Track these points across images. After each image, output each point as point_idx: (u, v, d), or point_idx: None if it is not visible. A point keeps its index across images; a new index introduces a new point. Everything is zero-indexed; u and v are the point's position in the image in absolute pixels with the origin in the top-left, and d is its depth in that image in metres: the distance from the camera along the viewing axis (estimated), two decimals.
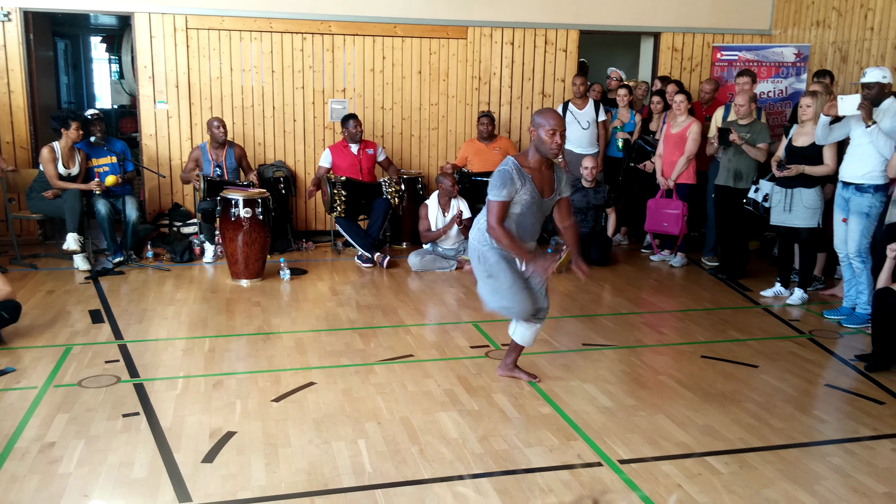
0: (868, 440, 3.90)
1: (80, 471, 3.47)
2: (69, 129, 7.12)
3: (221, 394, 4.35)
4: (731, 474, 3.50)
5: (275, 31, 8.36)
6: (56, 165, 7.13)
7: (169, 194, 8.53)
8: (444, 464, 3.56)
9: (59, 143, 7.17)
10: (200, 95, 8.34)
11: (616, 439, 3.83)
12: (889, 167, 5.53)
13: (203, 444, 3.72)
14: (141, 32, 8.13)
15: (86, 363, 4.79)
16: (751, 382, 4.65)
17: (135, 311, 5.90)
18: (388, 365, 4.84)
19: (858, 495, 3.34)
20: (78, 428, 3.89)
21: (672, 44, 9.27)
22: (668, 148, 7.55)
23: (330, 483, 3.37)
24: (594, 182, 7.73)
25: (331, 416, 4.05)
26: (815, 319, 6.01)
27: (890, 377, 4.75)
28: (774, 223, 6.44)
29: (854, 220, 5.77)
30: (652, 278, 7.29)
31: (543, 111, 4.11)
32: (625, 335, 5.54)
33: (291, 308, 6.11)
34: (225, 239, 6.81)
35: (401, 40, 8.65)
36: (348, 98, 8.64)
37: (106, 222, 7.22)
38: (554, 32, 8.97)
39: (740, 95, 6.89)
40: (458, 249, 7.50)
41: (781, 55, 8.58)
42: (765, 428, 4.00)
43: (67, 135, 7.14)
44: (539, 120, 4.07)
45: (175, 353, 5.05)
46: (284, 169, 8.48)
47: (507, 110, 9.04)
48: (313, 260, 7.80)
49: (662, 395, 4.43)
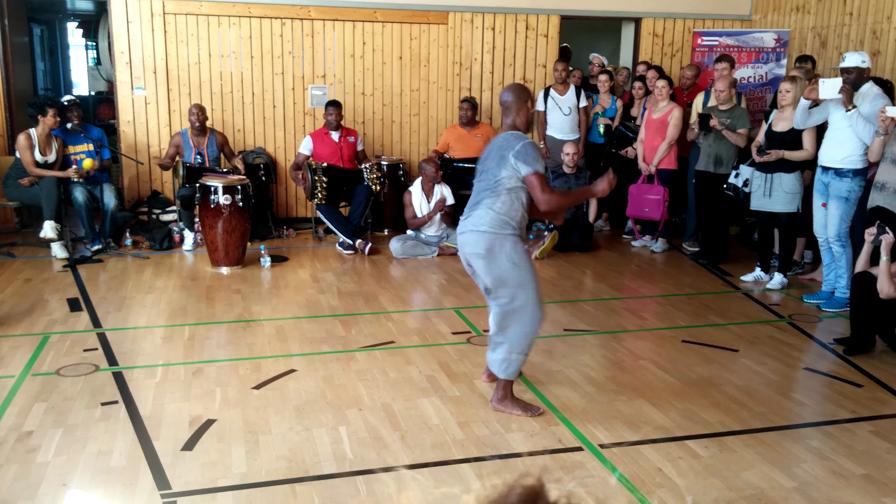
0: (846, 423, 3.93)
1: (58, 459, 3.44)
2: (46, 116, 7.02)
3: (201, 382, 4.32)
4: (711, 457, 3.52)
5: (253, 16, 8.27)
6: (33, 152, 7.03)
7: (148, 182, 8.44)
8: (426, 450, 3.55)
9: (35, 130, 7.08)
10: (179, 81, 8.25)
11: (597, 424, 3.85)
12: (870, 151, 5.55)
13: (183, 432, 3.70)
14: (117, 18, 8.02)
15: (64, 352, 4.75)
16: (731, 366, 4.68)
17: (114, 300, 5.85)
18: (370, 352, 4.83)
19: (837, 477, 3.37)
20: (56, 416, 3.85)
21: (653, 29, 9.27)
22: (650, 133, 7.56)
23: (311, 470, 3.36)
24: (575, 168, 7.73)
25: (312, 403, 4.04)
26: (795, 304, 6.05)
27: (868, 360, 4.80)
28: (754, 208, 6.47)
29: (833, 205, 5.80)
30: (633, 264, 7.31)
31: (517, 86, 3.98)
32: (606, 320, 5.56)
33: (272, 295, 6.08)
34: (205, 226, 6.75)
35: (381, 25, 8.58)
36: (328, 84, 8.57)
37: (83, 210, 7.14)
38: (535, 18, 8.93)
39: (720, 81, 6.90)
40: (440, 236, 7.49)
41: (761, 40, 8.61)
42: (744, 411, 4.03)
43: (44, 121, 7.04)
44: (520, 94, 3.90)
45: (154, 341, 5.01)
46: (264, 155, 8.42)
47: (488, 96, 9.01)
48: (294, 247, 7.76)
49: (643, 380, 4.45)
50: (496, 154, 3.81)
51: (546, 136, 8.46)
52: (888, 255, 4.66)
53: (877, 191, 5.48)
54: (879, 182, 5.44)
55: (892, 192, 5.31)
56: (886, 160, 5.40)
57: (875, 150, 5.51)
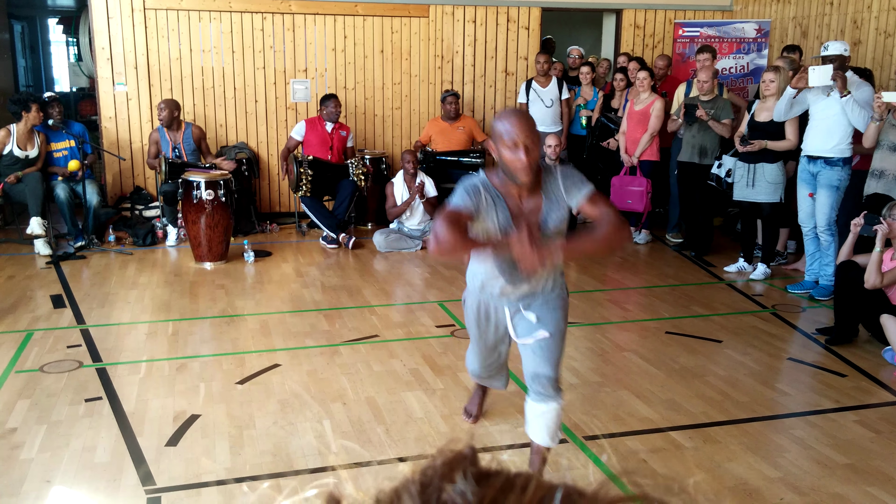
0: (830, 412, 3.96)
1: (42, 456, 3.42)
2: (30, 112, 6.98)
3: (185, 377, 4.30)
4: (695, 448, 3.54)
5: (234, 10, 8.22)
6: (2, 149, 6.97)
7: (130, 178, 8.39)
8: (410, 443, 3.56)
9: (16, 126, 7.02)
10: (160, 77, 8.19)
11: (581, 416, 3.86)
12: (865, 138, 5.53)
13: (167, 428, 3.69)
14: (98, 13, 7.95)
15: (47, 348, 4.72)
16: (714, 357, 4.71)
17: (97, 296, 5.81)
18: (354, 346, 4.82)
19: (820, 467, 3.40)
20: (39, 413, 3.83)
21: (634, 20, 9.28)
22: (632, 125, 7.58)
23: (295, 464, 3.36)
24: (558, 160, 7.73)
25: (296, 398, 4.03)
26: (779, 294, 6.09)
27: (852, 350, 4.84)
28: (737, 198, 6.50)
29: (823, 194, 5.82)
30: (617, 255, 7.33)
31: (504, 114, 2.82)
32: (590, 312, 5.57)
33: (256, 290, 6.06)
34: (187, 222, 6.71)
35: (362, 19, 8.55)
36: (310, 78, 8.54)
37: (66, 206, 7.11)
38: (516, 10, 8.93)
39: (703, 72, 6.92)
40: (423, 230, 7.48)
41: (742, 31, 8.64)
42: (728, 402, 4.06)
43: (27, 117, 7.00)
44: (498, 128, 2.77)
45: (138, 336, 4.99)
46: (247, 150, 8.38)
47: (470, 89, 9.00)
48: (278, 242, 7.73)
49: (627, 372, 4.47)
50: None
51: None
52: (882, 245, 4.69)
53: (874, 178, 5.50)
54: (877, 170, 5.47)
55: (893, 179, 5.34)
56: (883, 147, 5.43)
57: (870, 136, 5.49)
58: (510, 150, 2.71)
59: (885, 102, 5.27)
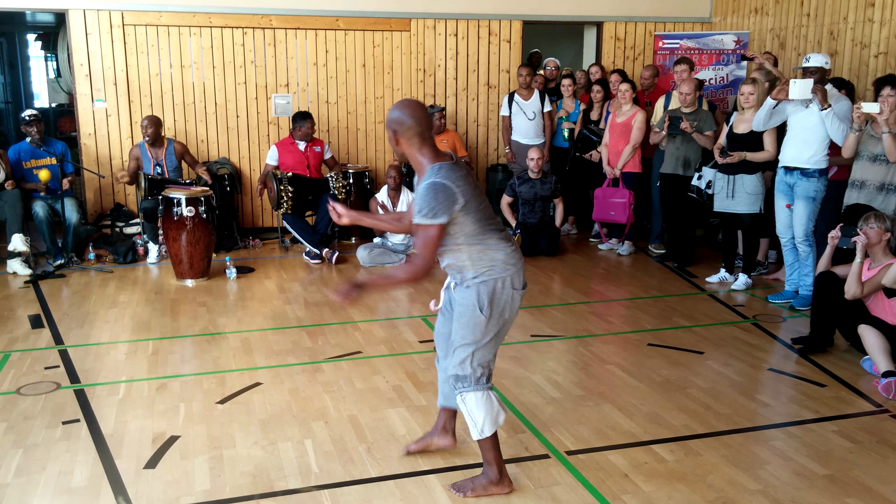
0: (810, 423, 3.97)
1: (17, 481, 3.38)
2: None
3: (165, 397, 4.26)
4: (677, 462, 3.54)
5: (214, 25, 8.20)
6: None
7: (111, 194, 8.33)
8: (392, 461, 3.53)
9: None
10: (140, 93, 8.15)
11: (563, 430, 3.85)
12: (844, 148, 5.55)
13: (145, 450, 3.65)
14: (76, 30, 7.91)
15: (24, 370, 4.67)
16: (696, 369, 4.71)
17: (76, 315, 5.76)
18: (336, 363, 4.80)
19: (800, 478, 3.40)
20: (16, 437, 3.79)
21: (615, 33, 9.34)
22: (614, 137, 7.61)
23: (275, 485, 3.33)
24: (541, 173, 7.76)
25: (277, 417, 4.00)
26: (760, 304, 6.12)
27: (831, 360, 4.86)
28: (717, 209, 6.53)
29: (800, 205, 5.85)
30: (600, 267, 7.35)
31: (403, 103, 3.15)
32: (573, 325, 5.57)
33: (238, 307, 6.02)
34: (168, 238, 6.67)
35: (343, 33, 8.55)
36: (292, 93, 8.53)
37: (45, 224, 7.05)
38: (497, 23, 8.96)
39: (684, 84, 6.95)
40: (407, 244, 7.47)
41: (722, 42, 8.71)
42: (709, 414, 4.06)
43: None
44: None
45: (118, 356, 4.94)
46: (229, 166, 8.34)
47: (452, 102, 9.01)
48: (260, 258, 7.69)
49: (610, 385, 4.46)
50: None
51: (511, 141, 8.48)
52: (862, 255, 4.72)
53: (854, 189, 5.52)
54: (857, 180, 5.50)
55: (874, 189, 5.37)
56: (862, 158, 5.46)
57: (849, 146, 5.51)
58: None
59: (863, 113, 5.32)
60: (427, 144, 3.14)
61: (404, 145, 3.14)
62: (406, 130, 3.11)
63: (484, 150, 9.25)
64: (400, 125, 3.11)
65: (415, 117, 3.09)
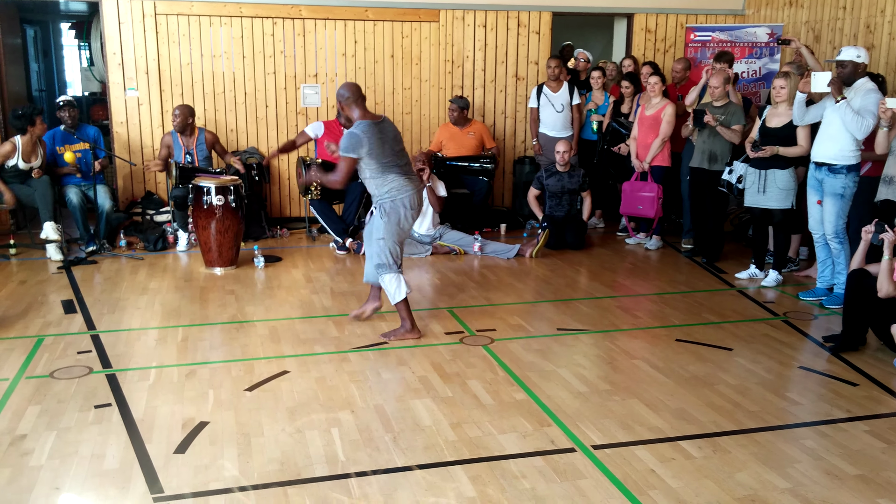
0: (841, 422, 3.92)
1: (51, 463, 3.43)
2: (35, 126, 7.03)
3: (194, 383, 4.31)
4: (705, 458, 3.52)
5: (245, 15, 8.25)
6: (4, 162, 7.01)
7: (142, 182, 8.43)
8: (417, 451, 3.55)
9: (21, 139, 7.05)
10: (171, 82, 8.23)
11: (590, 424, 3.84)
12: (876, 144, 5.49)
13: (175, 435, 3.69)
14: (109, 19, 8.00)
15: (58, 354, 4.74)
16: (725, 365, 4.68)
17: (108, 301, 5.83)
18: (362, 352, 4.82)
19: (831, 478, 3.36)
20: (49, 419, 3.84)
21: (645, 25, 9.26)
22: (643, 130, 7.55)
23: (303, 472, 3.36)
24: (568, 166, 7.72)
25: (304, 405, 4.03)
26: (790, 301, 6.05)
27: (863, 359, 4.79)
28: (748, 205, 6.46)
29: (829, 202, 5.78)
30: (627, 262, 7.31)
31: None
32: (600, 319, 5.55)
33: (265, 296, 6.07)
34: (198, 227, 6.73)
35: (372, 24, 8.56)
36: (321, 83, 8.55)
37: (78, 211, 7.15)
38: (527, 14, 8.92)
39: (715, 77, 6.89)
40: (433, 235, 7.47)
41: (755, 35, 8.60)
42: (738, 411, 4.03)
43: (33, 131, 7.05)
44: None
45: (148, 342, 5.00)
46: (257, 155, 8.40)
47: (480, 94, 9.00)
48: (288, 247, 7.74)
49: (637, 380, 4.44)
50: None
51: (539, 133, 8.45)
52: (890, 253, 4.65)
53: (885, 185, 5.46)
54: (888, 176, 5.43)
55: None
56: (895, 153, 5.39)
57: (881, 142, 5.45)
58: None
59: (889, 109, 5.24)
60: (358, 107, 4.96)
61: (346, 109, 5.01)
62: (346, 100, 4.97)
63: (511, 142, 9.22)
64: (342, 97, 4.99)
65: (350, 91, 4.96)
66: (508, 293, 6.21)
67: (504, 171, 9.20)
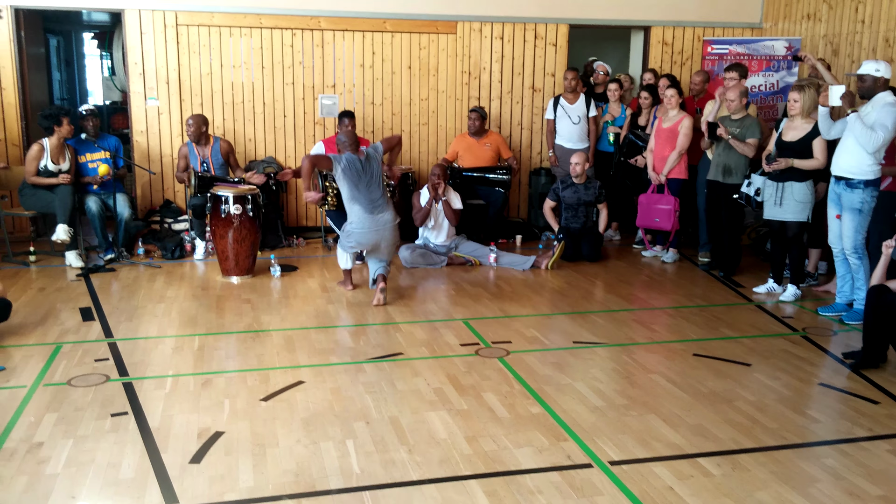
0: (863, 441, 3.87)
1: (67, 471, 3.44)
2: (62, 126, 7.08)
3: (210, 393, 4.32)
4: (724, 476, 3.48)
5: (264, 26, 8.31)
6: (39, 163, 7.08)
7: (160, 191, 8.49)
8: (433, 465, 3.53)
9: (49, 141, 7.12)
10: (191, 92, 8.29)
11: (607, 440, 3.81)
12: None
13: (191, 445, 3.70)
14: (131, 29, 8.08)
15: (75, 361, 4.76)
16: (743, 381, 4.63)
17: (125, 309, 5.86)
18: (378, 363, 4.82)
19: (853, 498, 3.32)
20: (66, 427, 3.86)
21: (662, 37, 9.25)
22: (660, 143, 7.52)
23: (318, 484, 3.35)
24: (584, 178, 7.70)
25: (319, 416, 4.03)
26: (809, 316, 6.00)
27: (885, 376, 4.74)
28: (766, 217, 6.42)
29: (847, 217, 5.74)
30: (644, 274, 7.27)
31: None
32: (616, 333, 5.52)
33: (281, 305, 6.08)
34: (215, 236, 6.77)
35: (390, 35, 8.60)
36: (338, 94, 8.59)
37: (97, 219, 7.21)
38: (543, 27, 8.93)
39: (731, 90, 6.86)
40: (449, 246, 7.47)
41: (772, 48, 8.56)
42: (757, 428, 3.99)
43: (59, 131, 7.10)
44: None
45: (164, 351, 5.02)
46: (275, 165, 8.44)
47: (497, 105, 9.00)
48: (304, 256, 7.76)
49: (654, 394, 4.41)
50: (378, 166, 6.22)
51: (555, 145, 8.45)
52: None
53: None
54: None
55: None
56: None
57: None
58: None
59: None
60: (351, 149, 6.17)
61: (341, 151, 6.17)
62: (342, 144, 6.20)
63: (527, 154, 9.22)
64: (341, 142, 6.23)
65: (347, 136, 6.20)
66: (524, 305, 6.19)
67: (520, 183, 9.20)
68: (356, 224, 6.07)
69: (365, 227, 6.05)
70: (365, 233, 6.06)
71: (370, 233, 6.07)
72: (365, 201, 6.02)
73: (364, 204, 6.02)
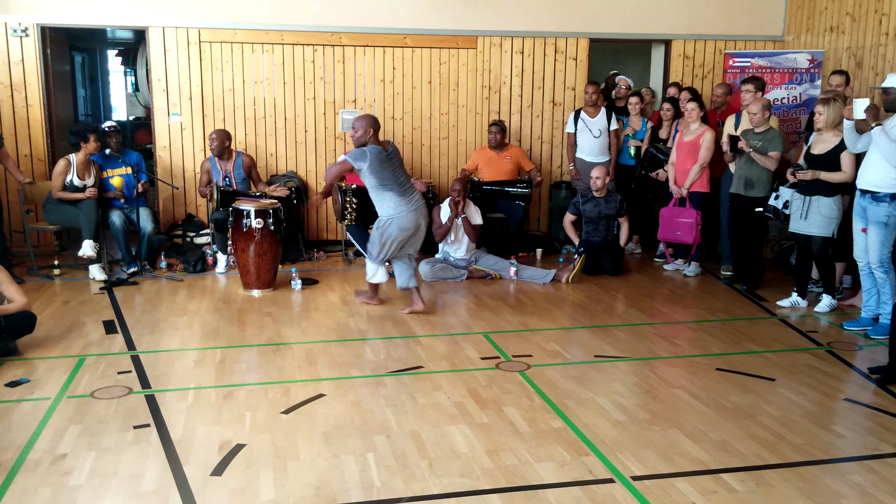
0: (889, 457, 3.81)
1: (90, 483, 3.46)
2: (88, 142, 7.19)
3: (231, 405, 4.33)
4: (748, 492, 3.43)
5: (286, 43, 8.38)
6: (65, 178, 7.18)
7: (182, 205, 8.56)
8: (454, 479, 3.52)
9: (76, 156, 7.22)
10: (213, 107, 8.37)
11: (629, 454, 3.78)
12: None
13: (212, 457, 3.71)
14: (155, 46, 8.18)
15: (99, 374, 4.80)
16: (767, 396, 4.58)
17: (148, 322, 5.91)
18: (398, 376, 4.81)
19: None
20: (90, 439, 3.89)
21: (683, 51, 9.22)
22: (681, 156, 7.49)
23: (338, 498, 3.34)
24: (604, 191, 7.68)
25: (340, 429, 4.03)
26: (834, 331, 5.92)
27: None
28: (792, 230, 6.37)
29: (873, 230, 5.69)
30: (665, 288, 7.22)
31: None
32: (638, 347, 5.48)
33: (302, 318, 6.10)
34: (237, 249, 6.81)
35: (411, 51, 8.65)
36: (359, 109, 8.64)
37: (121, 233, 7.28)
38: (563, 41, 8.94)
39: (753, 104, 6.82)
40: (469, 259, 7.47)
41: (795, 61, 8.51)
42: (782, 443, 3.94)
43: (86, 147, 7.21)
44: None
45: (187, 363, 5.05)
46: (296, 179, 8.49)
47: (517, 119, 9.02)
48: (324, 270, 7.79)
49: (676, 409, 4.37)
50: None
51: (576, 159, 8.44)
52: None
53: None
54: None
55: None
56: None
57: None
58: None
59: None
60: (373, 136, 5.98)
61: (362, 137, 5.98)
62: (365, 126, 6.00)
63: (548, 168, 9.21)
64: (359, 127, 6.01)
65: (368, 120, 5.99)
66: (545, 318, 6.17)
67: (540, 196, 9.19)
68: (394, 209, 5.97)
69: (404, 210, 5.97)
70: (406, 215, 5.98)
71: (411, 213, 6.00)
72: (396, 185, 5.95)
73: (396, 188, 5.95)
